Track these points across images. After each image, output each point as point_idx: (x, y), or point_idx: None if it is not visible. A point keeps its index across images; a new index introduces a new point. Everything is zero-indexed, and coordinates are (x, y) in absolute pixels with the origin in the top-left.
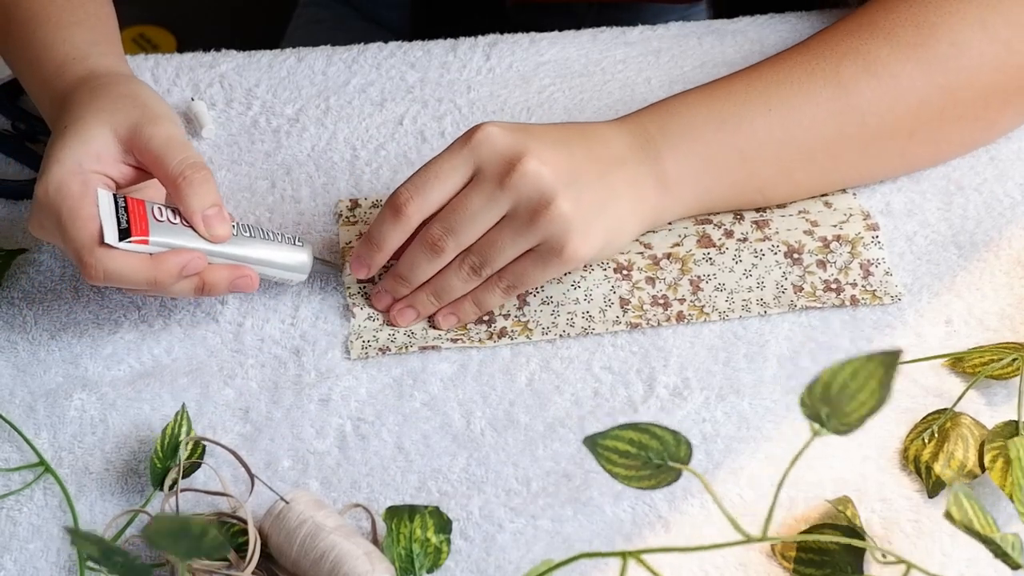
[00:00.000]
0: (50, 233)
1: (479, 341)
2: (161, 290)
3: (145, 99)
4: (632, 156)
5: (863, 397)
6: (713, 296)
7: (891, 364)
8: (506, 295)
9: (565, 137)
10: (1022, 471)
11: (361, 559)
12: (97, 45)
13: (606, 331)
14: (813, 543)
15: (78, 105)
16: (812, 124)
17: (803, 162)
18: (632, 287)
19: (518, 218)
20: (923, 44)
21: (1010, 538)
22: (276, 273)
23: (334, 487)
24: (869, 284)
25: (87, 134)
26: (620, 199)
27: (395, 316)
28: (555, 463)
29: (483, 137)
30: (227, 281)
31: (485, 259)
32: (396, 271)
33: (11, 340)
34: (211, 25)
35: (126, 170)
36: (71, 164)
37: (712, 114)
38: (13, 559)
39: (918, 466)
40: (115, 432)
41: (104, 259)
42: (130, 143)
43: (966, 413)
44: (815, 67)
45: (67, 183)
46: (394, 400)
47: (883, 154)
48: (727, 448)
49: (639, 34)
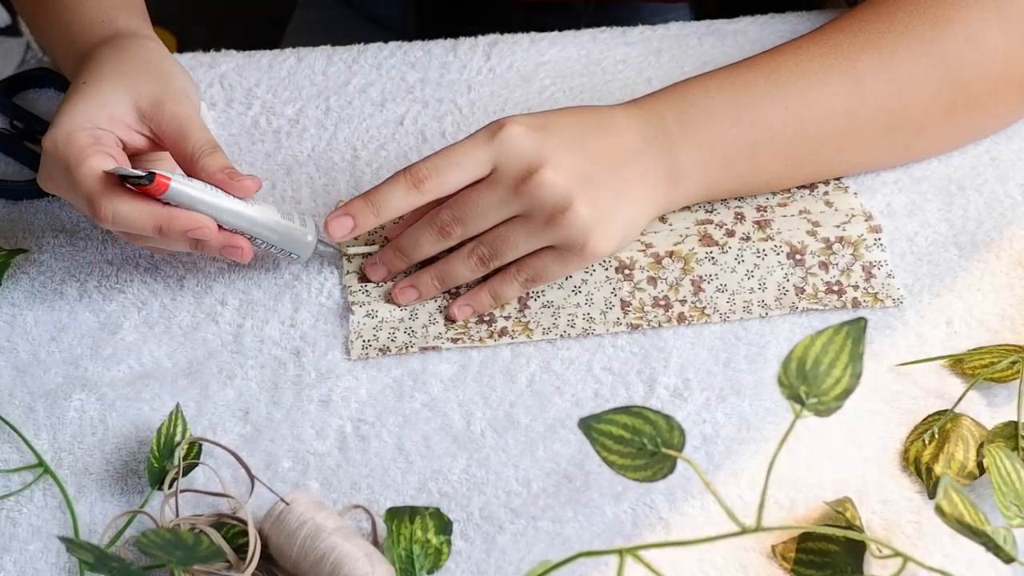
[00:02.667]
0: (59, 185)
1: (479, 340)
2: (163, 240)
3: (169, 73)
4: (647, 147)
5: (837, 373)
6: (714, 297)
7: (859, 334)
8: (524, 288)
9: (581, 133)
10: (1001, 477)
11: (362, 560)
12: (124, 10)
13: (607, 332)
14: (813, 544)
15: (101, 63)
16: (825, 120)
17: (810, 155)
18: (634, 288)
19: (533, 221)
20: (939, 39)
21: (1002, 531)
22: (279, 241)
23: (334, 488)
24: (871, 287)
25: (105, 96)
26: (633, 191)
27: (397, 293)
28: (555, 464)
29: (505, 136)
30: (220, 244)
31: (495, 252)
32: (397, 244)
33: (11, 341)
34: (211, 25)
35: (137, 138)
36: (83, 120)
37: (730, 106)
38: (13, 560)
39: (918, 467)
40: (115, 433)
41: (115, 201)
42: (150, 116)
43: (966, 414)
44: (832, 62)
45: (77, 135)
46: (394, 401)
47: (890, 147)
48: (727, 449)
49: (639, 34)
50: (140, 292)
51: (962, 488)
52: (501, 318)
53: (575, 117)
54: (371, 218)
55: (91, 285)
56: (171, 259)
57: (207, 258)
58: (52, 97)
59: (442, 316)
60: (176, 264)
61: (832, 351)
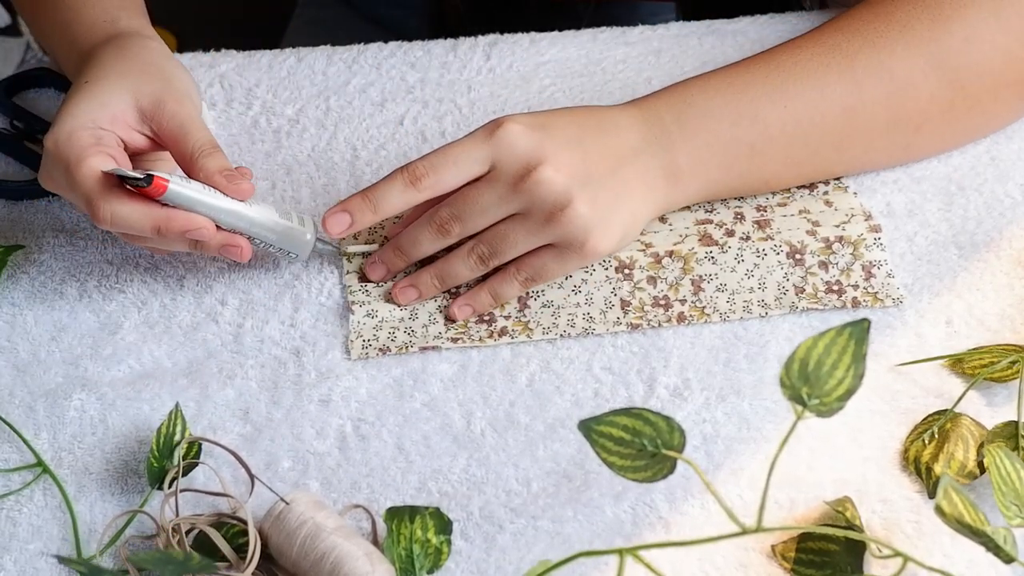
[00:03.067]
0: (59, 184)
1: (479, 340)
2: (162, 240)
3: (171, 73)
4: (646, 147)
5: (840, 374)
6: (714, 297)
7: (862, 335)
8: (524, 287)
9: (580, 133)
10: (1001, 478)
11: (362, 560)
12: (125, 10)
13: (607, 331)
14: (813, 544)
15: (102, 64)
16: (824, 119)
17: (810, 154)
18: (633, 287)
19: (532, 218)
20: (937, 39)
21: (1002, 532)
22: (277, 241)
23: (334, 488)
24: (871, 286)
25: (107, 96)
26: (633, 191)
27: (397, 293)
28: (555, 463)
29: (503, 134)
30: (219, 244)
31: (495, 250)
32: (396, 243)
33: (11, 340)
34: (211, 25)
35: (138, 138)
36: (84, 119)
37: (729, 106)
38: (13, 559)
39: (918, 467)
40: (115, 433)
41: (113, 203)
42: (151, 116)
43: (966, 414)
44: (830, 60)
45: (78, 134)
46: (394, 400)
47: (889, 146)
48: (727, 449)
49: (639, 34)
50: (140, 292)
51: (962, 488)
52: (501, 318)
53: (574, 117)
54: (368, 215)
55: (91, 285)
56: (171, 259)
57: (207, 258)
58: (52, 97)
59: (442, 316)
60: (176, 264)
61: (835, 352)
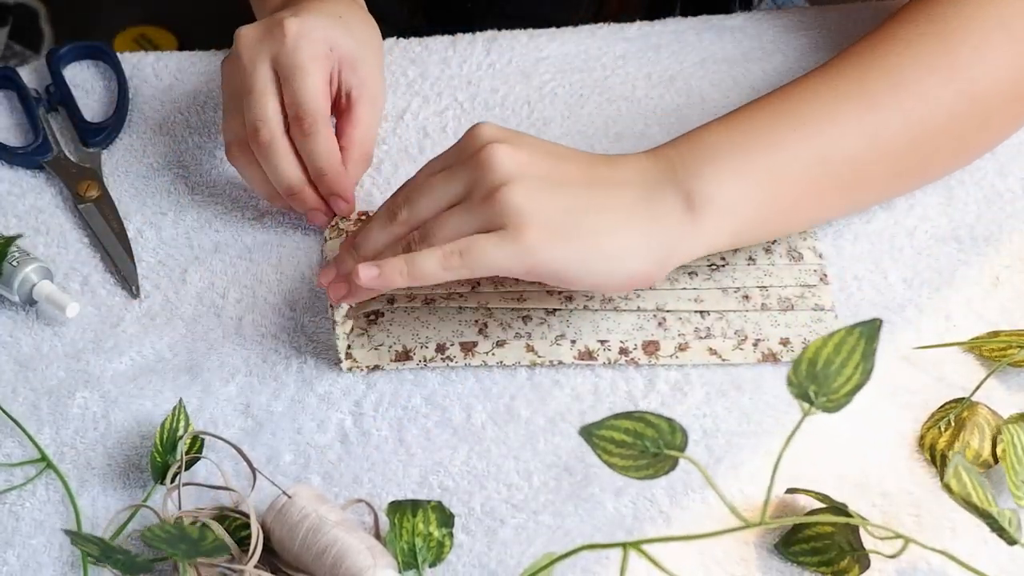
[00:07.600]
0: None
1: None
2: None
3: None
4: (641, 181)
5: (848, 372)
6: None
7: (872, 335)
8: (446, 261)
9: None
10: (1016, 456)
11: (364, 553)
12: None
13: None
14: (811, 533)
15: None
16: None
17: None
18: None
19: (471, 198)
20: (946, 52)
21: (1007, 513)
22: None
23: (336, 482)
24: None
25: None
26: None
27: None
28: (556, 457)
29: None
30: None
31: (425, 233)
32: (350, 239)
33: (14, 336)
34: (211, 25)
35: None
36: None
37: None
38: (16, 554)
39: (933, 454)
40: (117, 428)
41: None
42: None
43: (982, 403)
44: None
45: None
46: (395, 394)
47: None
48: (728, 443)
49: (638, 29)
50: (142, 285)
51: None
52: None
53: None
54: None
55: (95, 280)
56: (173, 252)
57: (208, 251)
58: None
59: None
60: (178, 257)
61: (844, 351)
